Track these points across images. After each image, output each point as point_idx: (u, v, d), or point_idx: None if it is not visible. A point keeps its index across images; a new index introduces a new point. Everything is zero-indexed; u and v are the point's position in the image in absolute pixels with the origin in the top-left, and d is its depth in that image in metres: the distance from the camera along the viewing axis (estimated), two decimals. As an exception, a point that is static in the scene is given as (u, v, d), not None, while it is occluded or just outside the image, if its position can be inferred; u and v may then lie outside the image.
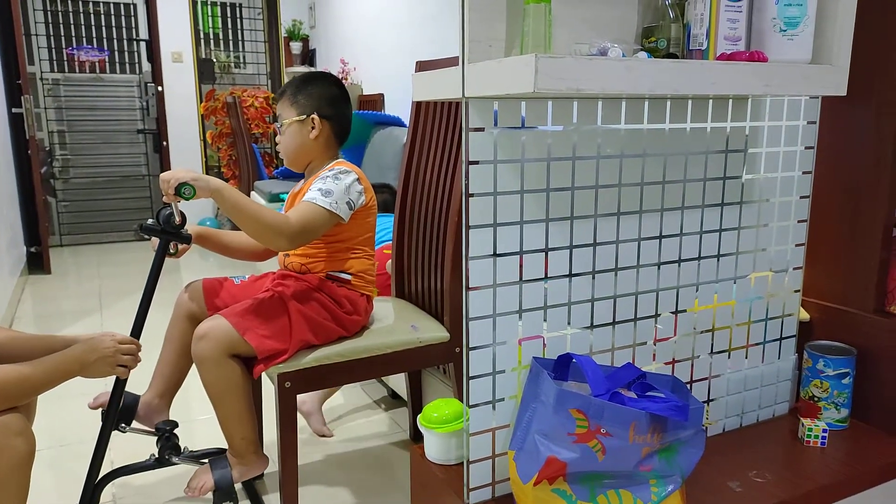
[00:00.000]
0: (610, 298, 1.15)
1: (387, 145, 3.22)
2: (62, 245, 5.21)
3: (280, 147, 1.59)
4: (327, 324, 1.49)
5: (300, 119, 1.55)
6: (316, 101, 1.56)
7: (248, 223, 1.36)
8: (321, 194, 1.44)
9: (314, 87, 1.58)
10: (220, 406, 1.45)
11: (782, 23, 1.06)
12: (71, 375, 1.27)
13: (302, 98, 1.56)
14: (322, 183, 1.47)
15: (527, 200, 1.03)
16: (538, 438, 0.98)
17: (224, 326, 1.39)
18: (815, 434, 1.26)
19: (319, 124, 1.55)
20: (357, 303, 1.55)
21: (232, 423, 1.46)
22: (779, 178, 1.28)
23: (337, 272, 1.55)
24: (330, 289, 1.52)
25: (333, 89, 1.60)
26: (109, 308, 3.41)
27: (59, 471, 1.86)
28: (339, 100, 1.60)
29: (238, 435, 1.48)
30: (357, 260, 1.58)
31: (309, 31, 5.90)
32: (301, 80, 1.60)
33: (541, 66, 0.83)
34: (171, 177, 1.32)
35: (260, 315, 1.42)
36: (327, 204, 1.43)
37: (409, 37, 3.90)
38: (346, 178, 1.49)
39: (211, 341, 1.38)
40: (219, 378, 1.41)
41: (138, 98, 5.38)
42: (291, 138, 1.56)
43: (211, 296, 1.59)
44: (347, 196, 1.48)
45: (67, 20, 5.12)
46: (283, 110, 1.58)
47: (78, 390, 1.52)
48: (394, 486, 1.77)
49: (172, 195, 1.31)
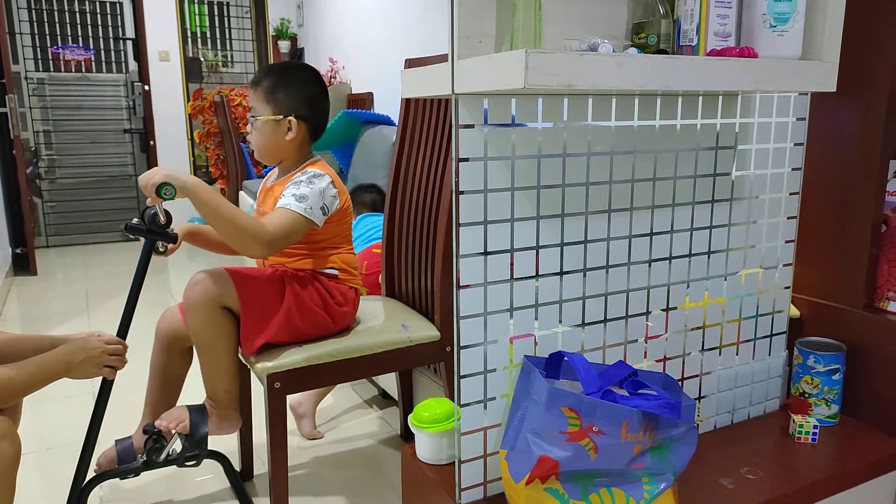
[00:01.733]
0: (601, 296, 1.14)
1: (376, 144, 3.21)
2: (48, 246, 5.16)
3: (251, 140, 1.55)
4: (318, 311, 1.48)
5: (276, 119, 1.50)
6: (294, 102, 1.51)
7: (223, 227, 1.33)
8: (295, 200, 1.41)
9: (293, 85, 1.52)
10: (206, 355, 1.44)
11: (772, 18, 1.06)
12: (57, 377, 1.26)
13: (280, 95, 1.50)
14: (296, 188, 1.44)
15: (517, 198, 1.03)
16: (530, 437, 0.97)
17: (222, 276, 1.39)
18: (805, 430, 1.26)
19: (296, 126, 1.51)
20: (346, 295, 1.55)
21: (217, 374, 1.45)
22: (768, 174, 1.28)
23: (323, 269, 1.55)
24: (321, 281, 1.52)
25: (313, 87, 1.55)
26: (96, 309, 3.37)
27: (45, 474, 1.84)
28: (317, 98, 1.56)
29: (222, 387, 1.46)
30: (338, 256, 1.57)
31: (297, 29, 5.87)
32: (279, 73, 1.53)
33: (531, 61, 0.82)
34: (149, 178, 1.29)
35: (258, 284, 1.42)
36: (302, 210, 1.41)
37: (397, 35, 3.89)
38: (320, 182, 1.47)
39: (205, 288, 1.38)
40: (208, 326, 1.40)
41: (125, 97, 5.34)
42: (265, 136, 1.52)
43: None
44: (322, 201, 1.45)
45: (52, 18, 5.07)
46: (257, 103, 1.51)
47: (63, 393, 1.50)
48: (385, 486, 1.76)
49: (155, 197, 1.30)
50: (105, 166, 5.34)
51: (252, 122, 1.53)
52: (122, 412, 1.78)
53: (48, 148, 5.15)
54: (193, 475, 1.80)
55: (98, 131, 5.28)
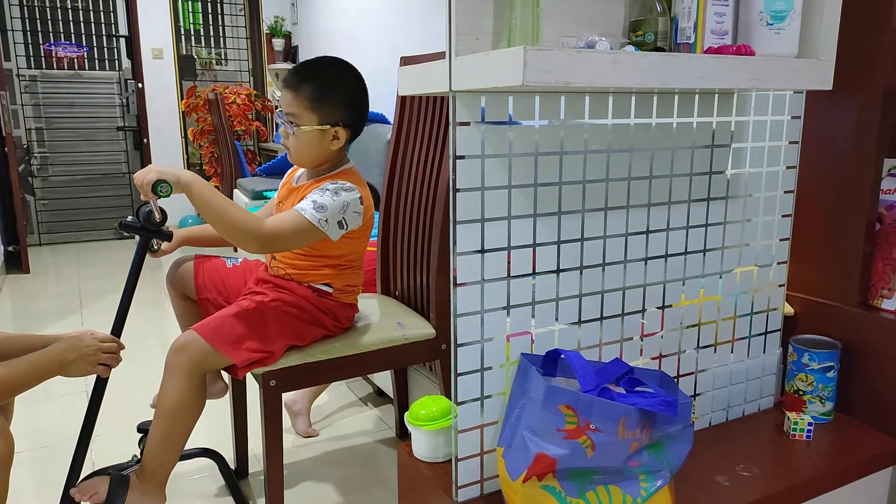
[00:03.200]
0: (597, 294, 1.14)
1: (370, 142, 3.20)
2: (41, 244, 5.14)
3: (290, 147, 1.45)
4: (310, 328, 1.45)
5: (322, 129, 1.42)
6: (342, 111, 1.43)
7: (218, 221, 1.28)
8: (313, 207, 1.34)
9: (339, 92, 1.43)
10: (161, 421, 1.36)
11: (769, 16, 1.06)
12: (50, 375, 1.25)
13: (327, 104, 1.41)
14: (320, 195, 1.37)
15: (514, 195, 1.03)
16: (527, 435, 0.97)
17: (199, 343, 1.33)
18: (800, 427, 1.26)
19: (343, 134, 1.44)
20: (337, 312, 1.50)
21: (161, 443, 1.37)
22: (763, 172, 1.29)
23: (319, 284, 1.48)
24: (310, 298, 1.46)
25: (356, 90, 1.47)
26: (90, 307, 3.36)
27: (39, 472, 1.83)
28: (362, 101, 1.48)
29: (158, 458, 1.37)
30: (343, 275, 1.50)
31: (291, 27, 5.86)
32: (323, 78, 1.44)
33: (529, 58, 0.82)
34: (144, 175, 1.27)
35: (238, 325, 1.36)
36: (316, 220, 1.34)
37: (392, 33, 3.88)
38: (347, 196, 1.39)
39: (187, 357, 1.33)
40: (179, 394, 1.34)
41: (118, 95, 5.32)
42: (307, 145, 1.43)
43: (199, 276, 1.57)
44: (342, 215, 1.38)
45: (45, 15, 5.04)
46: (298, 110, 1.41)
47: (57, 391, 1.49)
48: (381, 483, 1.76)
49: (151, 194, 1.28)
50: (98, 164, 5.32)
51: (288, 127, 1.43)
52: (116, 410, 1.78)
53: (41, 145, 5.13)
54: (188, 473, 1.79)
55: (91, 129, 5.26)
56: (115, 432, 1.98)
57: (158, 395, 1.38)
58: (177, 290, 1.61)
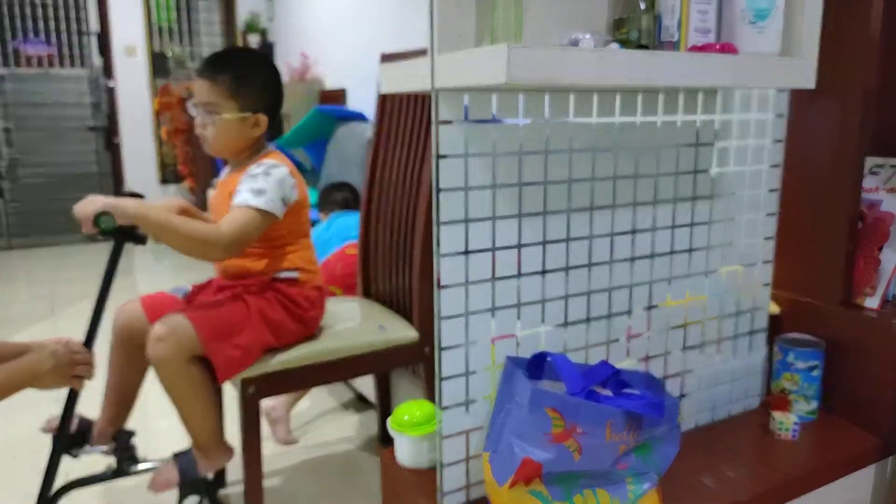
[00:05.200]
0: (583, 295, 1.13)
1: (350, 141, 3.16)
2: (11, 248, 5.02)
3: (207, 136, 1.43)
4: (287, 324, 1.43)
5: (244, 116, 1.42)
6: (262, 97, 1.44)
7: (176, 241, 1.27)
8: (253, 195, 1.34)
9: (258, 80, 1.44)
10: (181, 405, 1.38)
11: (752, 14, 1.05)
12: (21, 387, 1.20)
13: (246, 91, 1.41)
14: (252, 182, 1.37)
15: (498, 195, 1.01)
16: (513, 439, 0.95)
17: (185, 329, 1.31)
18: (786, 427, 1.26)
19: (264, 122, 1.44)
20: (311, 298, 1.49)
21: (194, 420, 1.40)
22: (748, 171, 1.28)
23: (282, 272, 1.47)
24: (281, 290, 1.45)
25: (273, 77, 1.48)
26: (62, 312, 3.28)
27: (10, 483, 1.77)
28: (279, 87, 1.49)
29: (202, 431, 1.42)
30: (296, 254, 1.50)
31: (267, 23, 5.78)
32: (241, 65, 1.43)
33: (513, 56, 0.80)
34: (85, 208, 1.24)
35: (221, 320, 1.35)
36: (261, 204, 1.34)
37: (371, 30, 3.85)
38: (278, 172, 1.39)
39: (171, 345, 1.31)
40: (179, 380, 1.35)
41: (89, 93, 5.20)
42: (228, 133, 1.42)
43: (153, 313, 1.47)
44: (281, 191, 1.38)
45: (12, 12, 4.91)
46: (216, 98, 1.40)
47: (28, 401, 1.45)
48: (363, 491, 1.73)
49: (92, 228, 1.24)
50: (69, 164, 5.20)
51: (207, 117, 1.41)
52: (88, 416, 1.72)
53: (9, 146, 5.00)
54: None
55: (61, 128, 5.14)
56: (89, 441, 1.92)
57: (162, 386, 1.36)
58: (122, 336, 1.50)
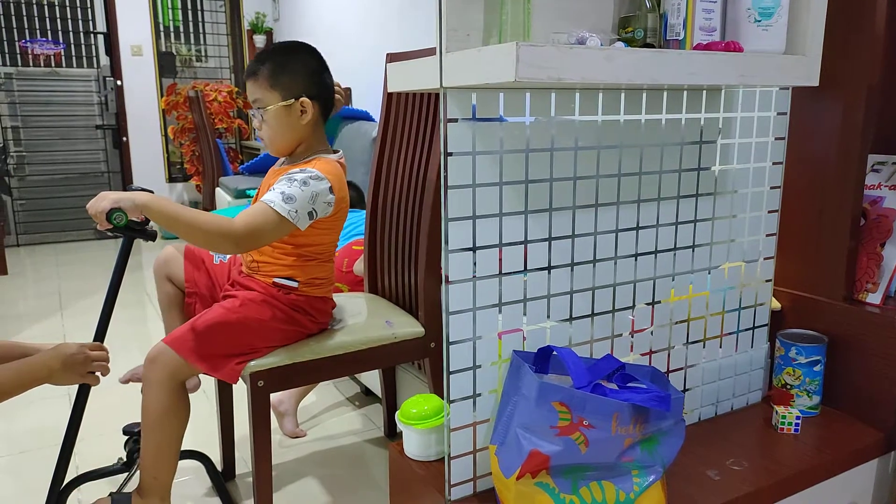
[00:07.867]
0: (588, 290, 1.14)
1: (355, 140, 3.18)
2: (18, 245, 5.05)
3: (262, 135, 1.44)
4: (286, 328, 1.44)
5: (287, 104, 1.40)
6: (302, 81, 1.41)
7: (186, 232, 1.25)
8: (282, 198, 1.31)
9: (296, 64, 1.42)
10: (149, 433, 1.35)
11: (757, 13, 1.06)
12: (38, 382, 1.23)
13: (286, 78, 1.40)
14: (287, 185, 1.34)
15: (505, 192, 1.02)
16: (520, 432, 0.97)
17: (170, 355, 1.33)
18: (788, 421, 1.27)
19: (310, 107, 1.42)
20: (307, 307, 1.47)
21: (153, 456, 1.36)
22: (751, 168, 1.30)
23: (283, 279, 1.45)
24: (278, 297, 1.44)
25: (314, 61, 1.46)
26: (69, 308, 3.30)
27: (18, 478, 1.80)
28: (323, 72, 1.46)
29: (153, 472, 1.37)
30: (307, 266, 1.46)
31: (273, 23, 5.81)
32: (277, 56, 1.43)
33: (522, 54, 0.82)
34: (97, 204, 1.24)
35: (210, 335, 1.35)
36: (285, 211, 1.30)
37: (376, 30, 3.86)
38: (317, 186, 1.35)
39: (162, 368, 1.33)
40: (159, 403, 1.34)
41: (96, 93, 5.24)
42: (278, 125, 1.41)
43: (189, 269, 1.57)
44: (311, 205, 1.35)
45: (20, 11, 4.95)
46: (261, 93, 1.41)
47: (38, 395, 1.47)
48: (370, 483, 1.75)
49: (106, 223, 1.24)
50: (76, 163, 5.24)
51: (259, 116, 1.42)
52: (100, 412, 1.75)
53: (17, 144, 5.04)
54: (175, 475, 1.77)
55: (69, 127, 5.17)
56: (100, 435, 1.95)
57: (141, 407, 1.36)
58: (164, 275, 1.59)
